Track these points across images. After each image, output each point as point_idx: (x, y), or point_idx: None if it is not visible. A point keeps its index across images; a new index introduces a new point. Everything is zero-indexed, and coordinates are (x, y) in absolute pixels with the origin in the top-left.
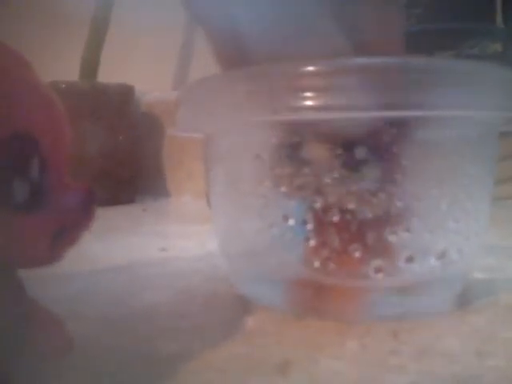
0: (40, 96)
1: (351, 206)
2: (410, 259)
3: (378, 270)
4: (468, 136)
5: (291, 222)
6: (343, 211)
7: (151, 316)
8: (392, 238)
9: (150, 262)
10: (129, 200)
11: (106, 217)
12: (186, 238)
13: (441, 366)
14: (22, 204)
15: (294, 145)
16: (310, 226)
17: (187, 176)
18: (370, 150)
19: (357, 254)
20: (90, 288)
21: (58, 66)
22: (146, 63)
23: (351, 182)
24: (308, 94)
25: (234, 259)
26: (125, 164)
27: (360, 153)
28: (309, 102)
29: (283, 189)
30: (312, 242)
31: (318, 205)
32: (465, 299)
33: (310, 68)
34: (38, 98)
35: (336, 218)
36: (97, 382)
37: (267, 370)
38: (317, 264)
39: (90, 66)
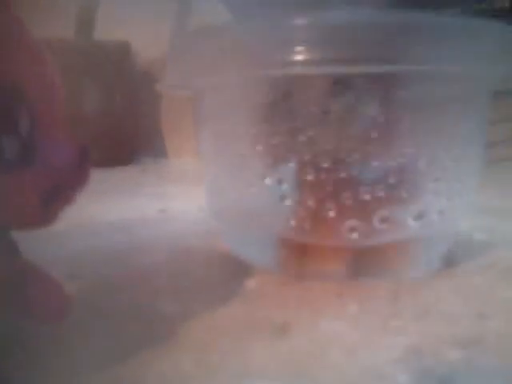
0: (28, 50)
1: (325, 164)
2: (384, 219)
3: (352, 230)
4: (449, 94)
5: (267, 181)
6: (318, 170)
7: (150, 277)
8: (366, 197)
9: (149, 224)
10: (127, 161)
11: (103, 178)
12: (185, 200)
13: (441, 328)
14: (12, 161)
15: (272, 103)
16: (285, 185)
17: (186, 137)
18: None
19: (331, 214)
20: (88, 249)
21: (52, 22)
22: (144, 22)
23: (346, 122)
24: (294, 49)
25: (223, 221)
26: (122, 124)
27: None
28: (296, 57)
29: (259, 147)
30: (288, 202)
31: (294, 163)
32: (464, 260)
33: (296, 22)
34: (25, 52)
35: (310, 177)
36: (96, 343)
37: (267, 331)
38: (293, 223)
39: (86, 22)
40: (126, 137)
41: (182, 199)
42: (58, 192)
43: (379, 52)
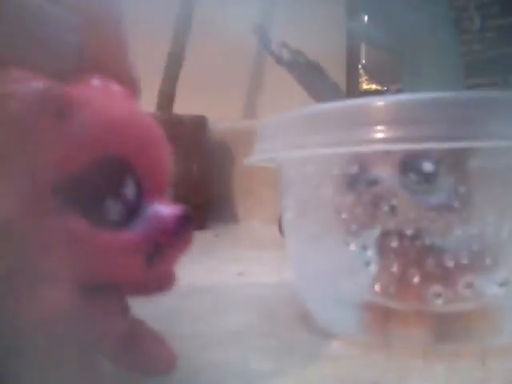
0: (135, 121)
1: (409, 232)
2: (469, 286)
3: (437, 296)
4: None
5: (352, 247)
6: (402, 237)
7: (239, 335)
8: (450, 264)
9: (230, 286)
10: (200, 226)
11: None
12: (261, 264)
13: None
14: (118, 222)
15: (353, 175)
16: (370, 252)
17: (256, 202)
18: (437, 165)
19: (416, 279)
20: (178, 308)
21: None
22: (218, 94)
23: (423, 197)
24: (370, 128)
25: (306, 284)
26: (198, 191)
27: (428, 166)
28: (375, 135)
29: (344, 216)
30: (373, 267)
31: (378, 231)
32: None
33: (374, 103)
34: (132, 122)
35: (394, 244)
36: None
37: None
38: (378, 288)
39: (167, 98)
40: (201, 203)
41: (258, 263)
42: (163, 254)
43: (455, 128)
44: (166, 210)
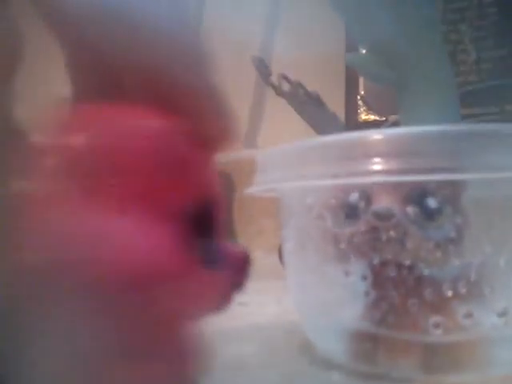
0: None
1: (407, 262)
2: (468, 315)
3: (436, 326)
4: None
5: (352, 276)
6: (400, 267)
7: (240, 366)
8: (449, 294)
9: (231, 316)
10: None
11: None
12: (262, 293)
13: None
14: (210, 262)
15: (351, 205)
16: (369, 281)
17: (258, 231)
18: (441, 200)
19: (415, 309)
20: None
21: None
22: None
23: (428, 233)
24: (368, 160)
25: (306, 314)
26: None
27: (432, 203)
28: (369, 167)
29: (342, 246)
30: (371, 297)
31: (376, 261)
32: None
33: (372, 136)
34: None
35: (393, 274)
36: None
37: None
38: (377, 317)
39: None
40: None
41: (258, 292)
42: (230, 290)
43: (451, 160)
44: (233, 249)
